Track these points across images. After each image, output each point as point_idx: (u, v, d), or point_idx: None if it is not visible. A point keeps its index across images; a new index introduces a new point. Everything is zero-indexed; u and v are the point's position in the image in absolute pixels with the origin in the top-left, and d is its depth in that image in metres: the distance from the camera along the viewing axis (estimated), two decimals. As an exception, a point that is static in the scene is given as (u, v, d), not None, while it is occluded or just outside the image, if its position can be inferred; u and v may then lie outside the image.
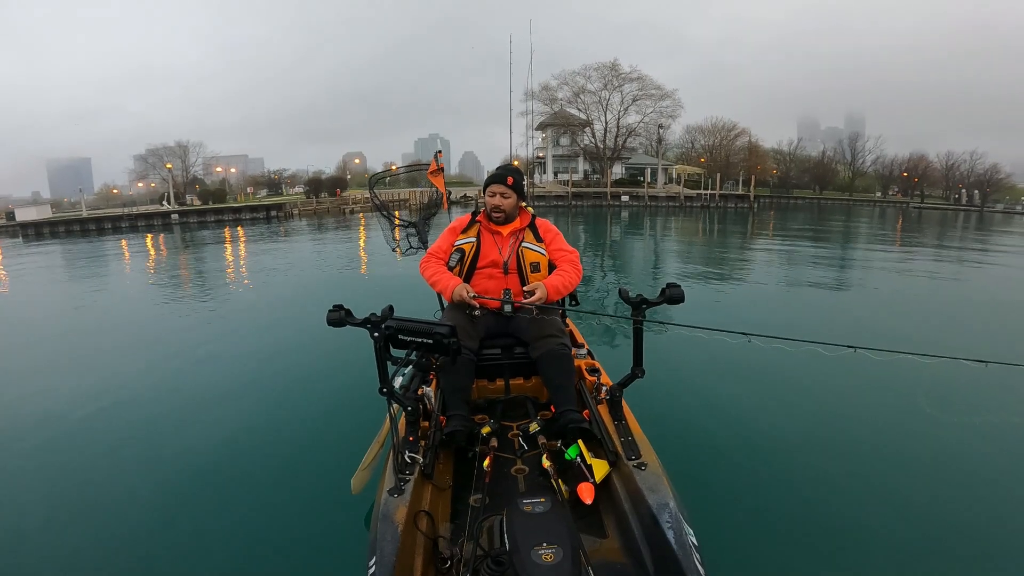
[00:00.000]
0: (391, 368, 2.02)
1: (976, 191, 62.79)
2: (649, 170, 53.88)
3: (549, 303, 2.69)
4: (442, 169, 3.78)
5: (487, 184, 2.93)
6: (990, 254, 15.76)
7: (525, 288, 2.71)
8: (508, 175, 2.90)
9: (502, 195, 2.88)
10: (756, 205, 46.32)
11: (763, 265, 12.74)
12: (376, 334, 1.96)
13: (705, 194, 46.71)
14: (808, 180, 68.82)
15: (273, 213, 38.03)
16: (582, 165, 54.39)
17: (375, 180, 4.52)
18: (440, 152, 3.76)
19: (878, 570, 2.49)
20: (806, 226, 26.38)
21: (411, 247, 3.83)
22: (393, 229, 3.82)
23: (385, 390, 2.03)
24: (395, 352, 2.02)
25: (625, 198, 45.16)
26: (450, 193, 4.04)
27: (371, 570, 1.62)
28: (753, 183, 50.16)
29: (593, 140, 52.03)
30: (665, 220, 30.31)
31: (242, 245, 19.36)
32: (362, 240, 19.81)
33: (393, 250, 3.84)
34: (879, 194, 69.43)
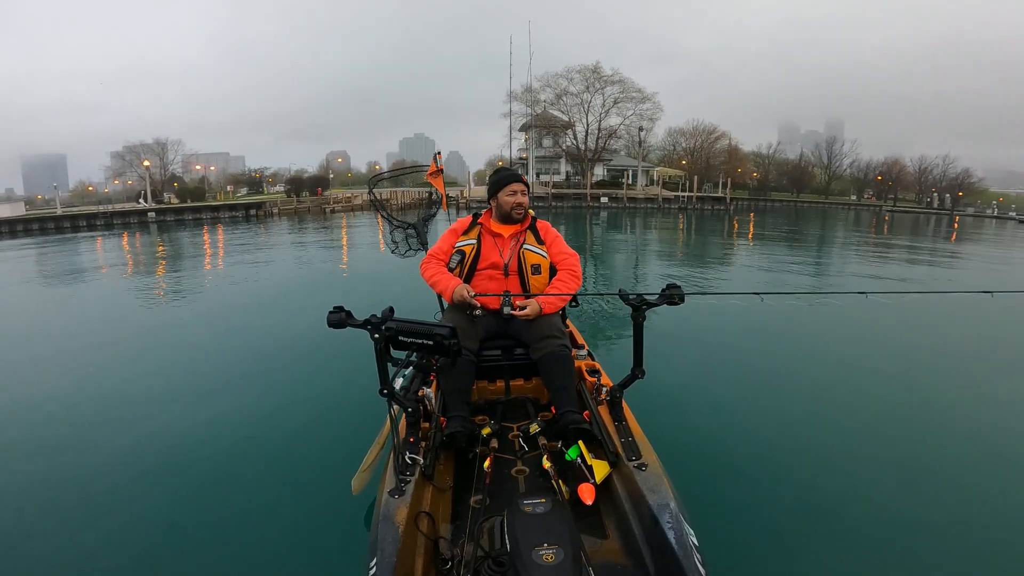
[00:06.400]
0: (391, 369, 2.00)
1: (948, 195, 64.15)
2: (630, 172, 54.37)
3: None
4: (442, 171, 3.77)
5: (504, 183, 2.92)
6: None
7: (518, 303, 2.70)
8: (521, 174, 2.96)
9: (522, 192, 2.91)
10: (733, 207, 47.02)
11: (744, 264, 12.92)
12: (376, 335, 1.95)
13: (683, 196, 47.41)
14: (786, 183, 69.82)
15: (252, 212, 37.57)
16: (564, 166, 54.61)
17: (375, 182, 4.49)
18: (439, 153, 3.74)
19: (880, 568, 2.52)
20: (779, 225, 26.81)
21: (410, 248, 3.81)
22: (392, 231, 3.80)
23: (385, 391, 2.01)
24: (395, 353, 2.01)
25: (604, 199, 45.61)
26: (445, 195, 4.03)
27: (372, 571, 1.61)
28: (730, 185, 50.93)
29: (575, 142, 52.30)
30: (644, 221, 30.70)
31: (224, 244, 19.09)
32: (354, 240, 19.68)
33: (392, 252, 3.82)
34: (854, 197, 70.56)
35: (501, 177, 2.96)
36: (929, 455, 3.56)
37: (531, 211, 3.02)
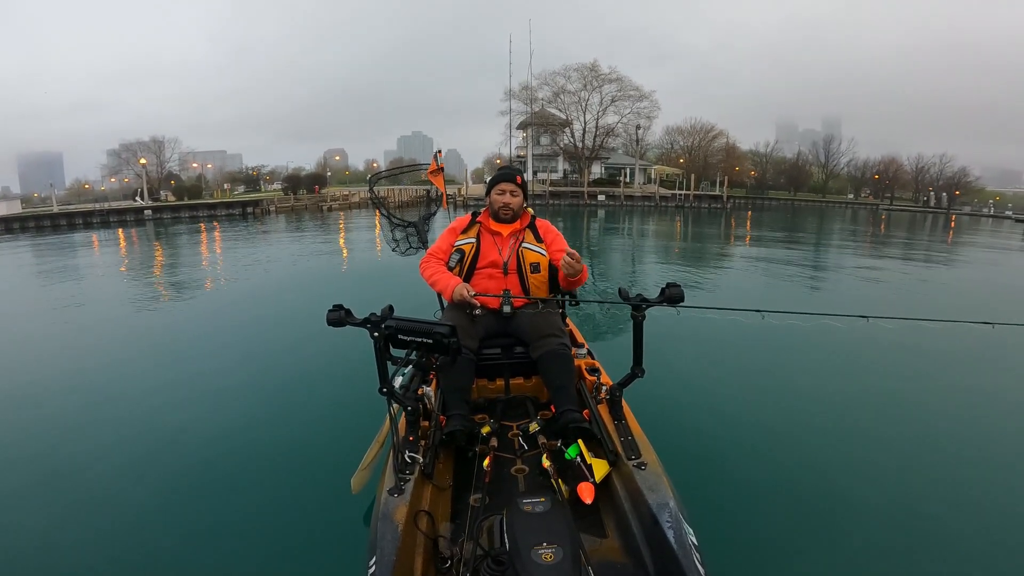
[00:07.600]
0: (391, 368, 2.00)
1: (944, 194, 64.14)
2: (628, 170, 54.39)
3: (568, 287, 2.73)
4: (442, 169, 3.77)
5: (495, 182, 2.91)
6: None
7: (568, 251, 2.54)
8: (517, 174, 2.92)
9: (511, 192, 2.88)
10: (730, 206, 47.10)
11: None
12: (376, 334, 1.95)
13: (680, 194, 47.54)
14: (783, 182, 69.85)
15: (249, 210, 37.46)
16: (562, 164, 54.62)
17: (375, 179, 4.50)
18: (440, 151, 3.74)
19: (880, 567, 2.52)
20: (776, 224, 26.86)
21: (411, 246, 3.82)
22: (393, 229, 3.80)
23: (385, 390, 2.02)
24: (395, 352, 2.01)
25: (601, 197, 45.71)
26: (441, 193, 4.03)
27: (371, 570, 1.61)
28: (727, 184, 51.06)
29: (572, 140, 52.33)
30: (641, 219, 30.77)
31: (221, 242, 19.06)
32: (352, 238, 19.66)
33: (393, 250, 3.82)
34: (851, 196, 70.54)
35: (497, 175, 2.96)
36: (928, 455, 3.57)
37: (530, 209, 3.01)
